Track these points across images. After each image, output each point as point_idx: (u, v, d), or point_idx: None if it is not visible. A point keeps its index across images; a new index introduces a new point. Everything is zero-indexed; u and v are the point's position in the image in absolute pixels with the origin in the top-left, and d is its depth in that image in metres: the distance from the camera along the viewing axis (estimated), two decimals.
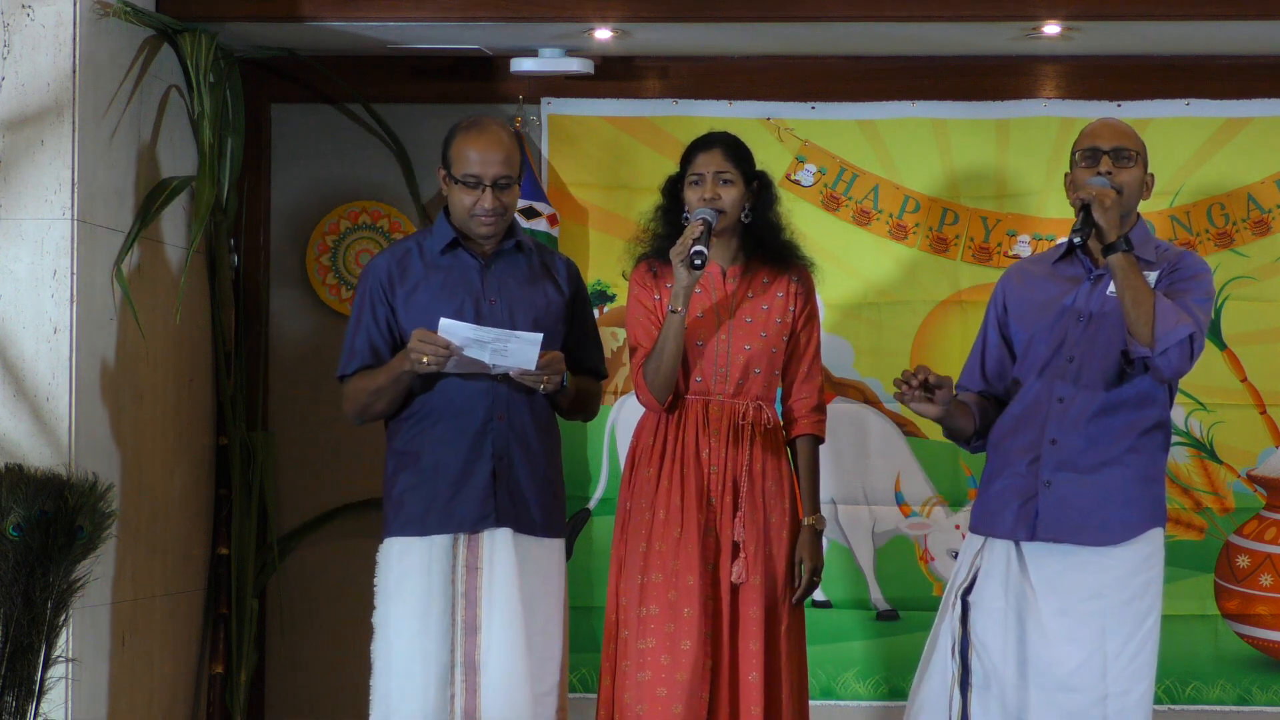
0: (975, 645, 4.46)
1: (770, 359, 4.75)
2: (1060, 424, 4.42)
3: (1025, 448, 4.45)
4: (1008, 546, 4.46)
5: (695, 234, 4.58)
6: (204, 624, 5.86)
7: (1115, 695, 4.37)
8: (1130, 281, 4.28)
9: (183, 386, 5.70)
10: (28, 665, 4.58)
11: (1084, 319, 4.46)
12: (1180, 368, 4.34)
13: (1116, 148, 4.47)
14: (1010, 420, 4.53)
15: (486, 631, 4.57)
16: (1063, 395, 4.43)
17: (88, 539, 4.65)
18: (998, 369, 4.62)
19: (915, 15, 5.43)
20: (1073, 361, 4.44)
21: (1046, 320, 4.49)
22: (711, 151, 4.76)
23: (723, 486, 4.70)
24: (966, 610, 4.49)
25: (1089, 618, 4.37)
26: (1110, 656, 4.37)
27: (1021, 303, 4.57)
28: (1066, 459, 4.41)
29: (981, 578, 4.49)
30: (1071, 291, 4.50)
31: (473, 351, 4.51)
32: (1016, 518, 4.43)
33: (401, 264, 4.71)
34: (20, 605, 4.55)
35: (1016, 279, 4.64)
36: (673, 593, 4.65)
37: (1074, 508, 4.40)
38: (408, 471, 4.66)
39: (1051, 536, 4.40)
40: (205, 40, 5.55)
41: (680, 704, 4.60)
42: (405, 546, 4.63)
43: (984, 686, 4.46)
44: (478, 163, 4.62)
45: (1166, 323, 4.27)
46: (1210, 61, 5.85)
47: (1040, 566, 4.42)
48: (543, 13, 5.49)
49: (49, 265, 5.03)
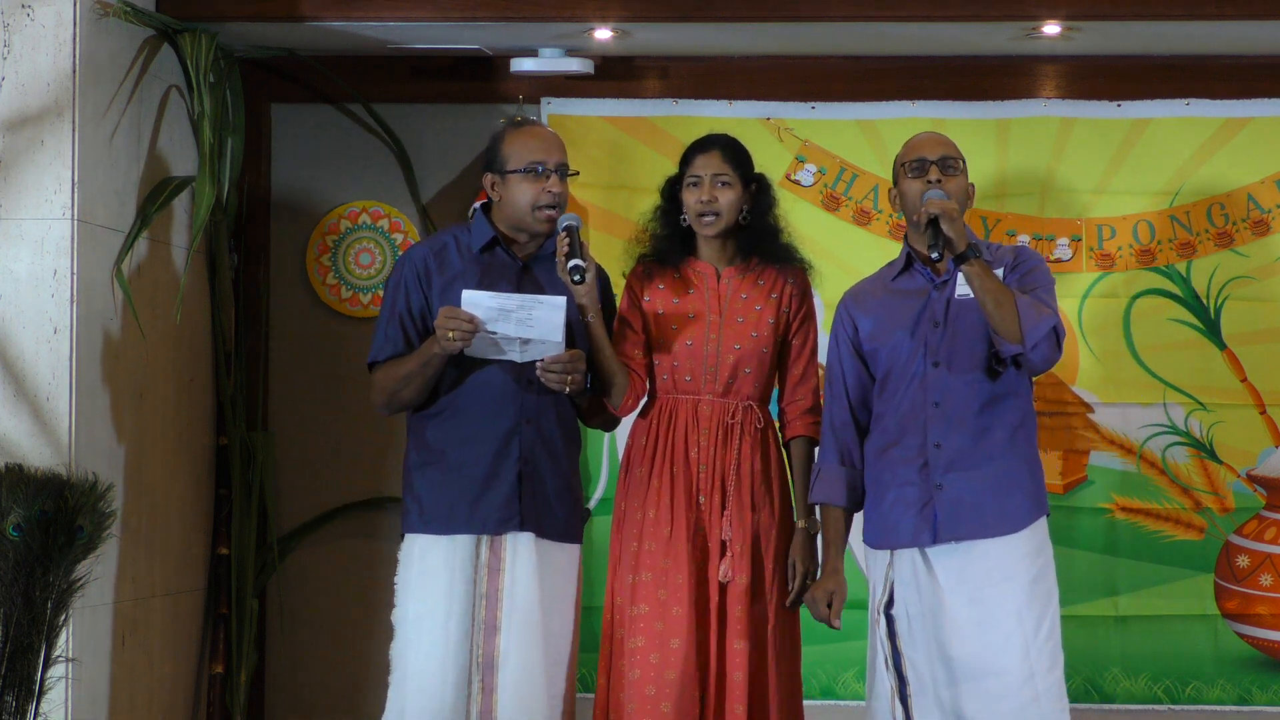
0: (904, 656, 4.56)
1: (761, 359, 4.75)
2: (940, 427, 4.51)
3: (910, 456, 4.53)
4: (913, 554, 4.54)
5: (564, 250, 4.58)
6: (204, 624, 5.86)
7: (1040, 673, 4.44)
8: (988, 285, 4.38)
9: (183, 386, 5.70)
10: (28, 665, 4.58)
11: (940, 325, 4.54)
12: (1051, 358, 4.46)
13: (942, 157, 4.56)
14: (886, 435, 4.59)
15: (505, 632, 4.57)
16: (937, 400, 4.52)
17: (88, 539, 4.65)
18: (860, 393, 4.67)
19: (915, 15, 5.44)
20: (938, 366, 4.52)
21: (904, 333, 4.57)
22: (709, 154, 4.76)
23: (711, 486, 4.71)
24: (891, 624, 4.58)
25: (1001, 601, 4.45)
26: (1028, 636, 4.45)
27: (875, 323, 4.63)
28: (953, 459, 4.50)
29: (896, 589, 4.58)
30: (920, 302, 4.58)
31: (498, 325, 4.50)
32: (916, 525, 4.52)
33: (440, 256, 4.69)
34: (20, 605, 4.55)
35: (858, 303, 4.71)
36: (662, 591, 4.66)
37: (970, 505, 4.48)
38: (432, 468, 4.65)
39: (954, 535, 4.49)
40: (205, 40, 5.55)
41: (668, 702, 4.61)
42: (428, 544, 4.63)
43: (920, 693, 4.54)
44: (541, 150, 4.64)
45: (1030, 318, 4.38)
46: (1210, 61, 5.85)
47: (945, 565, 4.50)
48: (543, 13, 5.50)
49: (49, 265, 5.03)
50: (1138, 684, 5.82)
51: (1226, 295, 5.83)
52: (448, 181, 6.03)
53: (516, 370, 4.62)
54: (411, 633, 4.61)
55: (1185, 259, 5.84)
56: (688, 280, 4.78)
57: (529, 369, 4.61)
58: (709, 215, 4.71)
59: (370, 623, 5.87)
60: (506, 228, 4.70)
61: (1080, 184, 5.88)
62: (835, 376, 4.70)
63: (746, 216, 4.76)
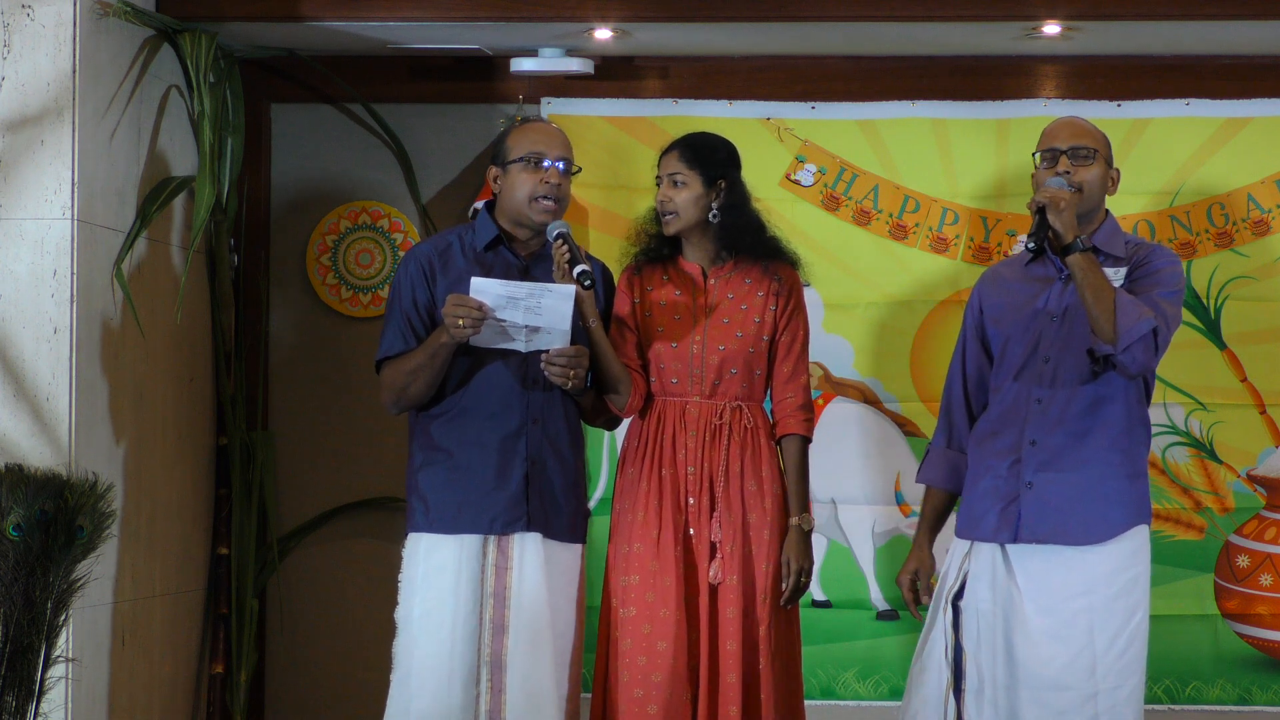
0: (967, 650, 4.49)
1: (748, 359, 4.75)
2: (1039, 425, 4.45)
3: (1006, 450, 4.48)
4: (993, 549, 4.48)
5: (564, 258, 4.60)
6: (204, 624, 5.86)
7: (1105, 692, 4.38)
8: (1089, 280, 4.30)
9: (183, 386, 5.70)
10: (28, 665, 4.57)
11: (1056, 319, 4.48)
12: (1145, 362, 4.36)
13: (1074, 146, 4.49)
14: (989, 423, 4.56)
15: (514, 632, 4.57)
16: (1040, 396, 4.46)
17: (88, 539, 4.65)
18: (978, 376, 4.64)
19: (915, 15, 5.44)
20: (1048, 362, 4.46)
21: (1021, 322, 4.52)
22: (669, 154, 4.82)
23: (700, 487, 4.71)
24: (957, 615, 4.52)
25: (1075, 616, 4.39)
26: (1099, 653, 4.39)
27: (997, 306, 4.59)
28: (1047, 459, 4.44)
29: (970, 581, 4.51)
30: (1044, 292, 4.52)
31: (506, 312, 4.50)
32: (1000, 520, 4.46)
33: (444, 255, 4.71)
34: (20, 605, 4.55)
35: (991, 283, 4.67)
36: (650, 594, 4.67)
37: (1055, 508, 4.42)
38: (438, 467, 4.65)
39: (1034, 538, 4.43)
40: (205, 40, 5.55)
41: (655, 704, 4.61)
42: (434, 543, 4.63)
43: (977, 690, 4.48)
44: (543, 141, 4.66)
45: (1128, 318, 4.28)
46: (1210, 61, 5.85)
47: (1025, 568, 4.44)
48: (543, 13, 5.50)
49: (49, 265, 5.03)
50: None
51: (1226, 295, 5.83)
52: (448, 181, 6.03)
53: (522, 371, 4.62)
54: (417, 631, 4.61)
55: (1185, 259, 5.84)
56: (675, 281, 4.80)
57: (535, 369, 4.62)
58: (667, 215, 4.76)
59: (371, 623, 5.87)
60: (508, 224, 4.71)
61: None
62: (956, 355, 4.66)
63: (716, 215, 4.77)
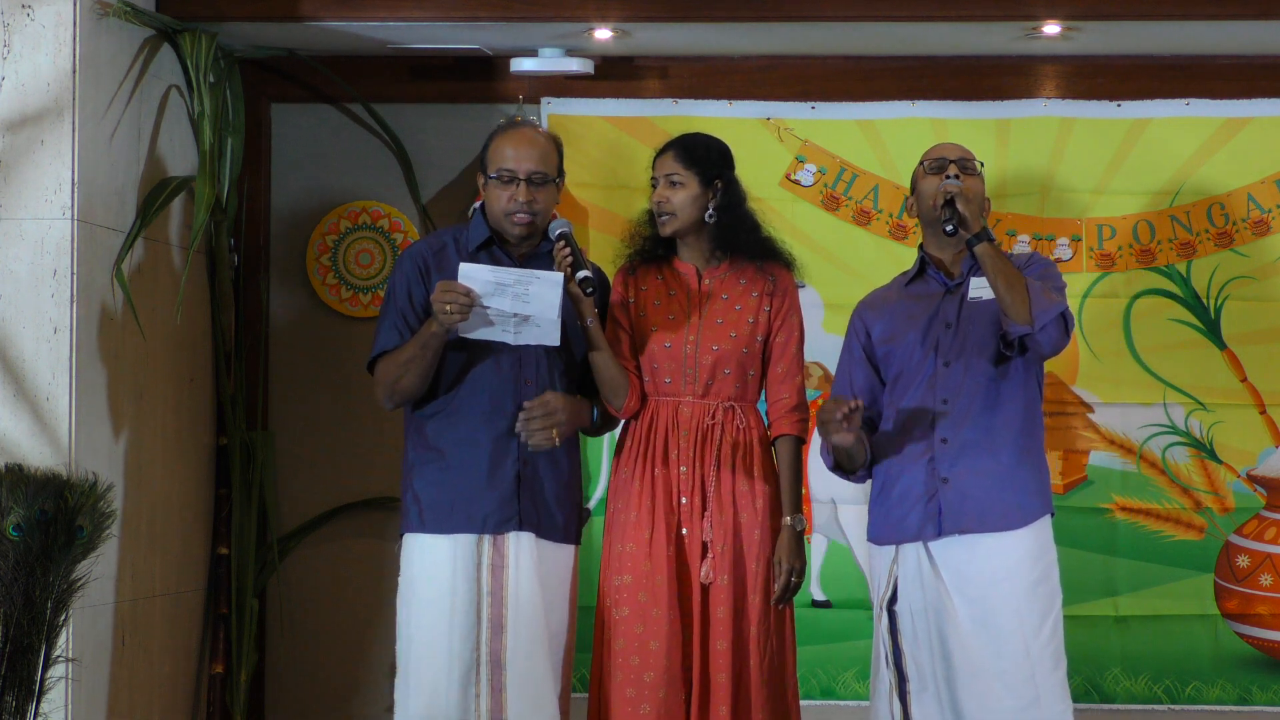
0: (906, 651, 4.61)
1: (741, 359, 4.75)
2: (948, 424, 4.59)
3: (918, 453, 4.62)
4: (918, 549, 4.61)
5: (567, 261, 4.62)
6: (204, 624, 5.86)
7: (1042, 672, 4.51)
8: (1000, 266, 4.50)
9: (183, 386, 5.70)
10: (28, 665, 4.57)
11: (952, 326, 4.64)
12: (1058, 341, 4.57)
13: (961, 158, 4.70)
14: (896, 430, 4.66)
15: (513, 631, 4.58)
16: (946, 397, 4.60)
17: (88, 539, 4.65)
18: (870, 399, 4.73)
19: (915, 15, 5.44)
20: (948, 365, 4.61)
21: (917, 336, 4.66)
22: (664, 155, 4.82)
23: (692, 487, 4.71)
24: (893, 620, 4.63)
25: (1003, 600, 4.52)
26: (1028, 637, 4.51)
27: (888, 328, 4.72)
28: (960, 454, 4.58)
29: (900, 584, 4.63)
30: (933, 305, 4.68)
31: (495, 300, 4.52)
32: (922, 518, 4.60)
33: (438, 256, 4.72)
34: (20, 605, 4.55)
35: (874, 308, 4.80)
36: (643, 594, 4.67)
37: (973, 498, 4.56)
38: (431, 467, 4.66)
39: (957, 528, 4.56)
40: (205, 40, 5.55)
41: (648, 704, 4.61)
42: (428, 543, 4.64)
43: (921, 689, 4.59)
44: (512, 158, 4.65)
45: (1040, 302, 4.49)
46: (1210, 61, 5.85)
47: (948, 562, 4.57)
48: (543, 13, 5.50)
49: (49, 265, 5.03)
50: (1138, 684, 5.82)
51: (1226, 295, 5.83)
52: (448, 181, 6.03)
53: (514, 370, 4.63)
54: (415, 632, 4.62)
55: (1185, 259, 5.84)
56: (669, 282, 4.80)
57: (527, 369, 4.62)
58: (663, 215, 4.77)
59: (370, 623, 5.87)
60: (497, 227, 4.72)
61: (1080, 184, 5.88)
62: (844, 383, 4.77)
63: (713, 215, 4.77)
